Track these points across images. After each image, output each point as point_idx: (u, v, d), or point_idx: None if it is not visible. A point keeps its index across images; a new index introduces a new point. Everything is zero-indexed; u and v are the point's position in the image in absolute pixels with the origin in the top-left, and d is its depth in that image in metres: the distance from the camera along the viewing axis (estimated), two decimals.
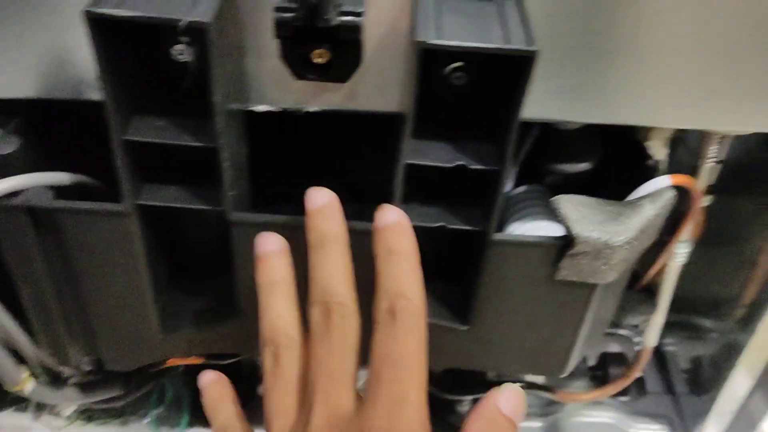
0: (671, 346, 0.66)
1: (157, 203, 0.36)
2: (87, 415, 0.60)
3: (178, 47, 0.33)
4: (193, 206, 0.36)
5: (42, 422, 0.60)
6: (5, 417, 0.61)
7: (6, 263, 0.38)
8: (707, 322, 0.61)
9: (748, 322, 0.52)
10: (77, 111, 0.38)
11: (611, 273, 0.37)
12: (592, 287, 0.38)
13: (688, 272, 0.50)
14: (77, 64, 0.36)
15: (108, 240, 0.37)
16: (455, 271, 0.42)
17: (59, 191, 0.38)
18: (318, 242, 0.31)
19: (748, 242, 0.54)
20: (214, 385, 0.35)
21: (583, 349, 0.45)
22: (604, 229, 0.35)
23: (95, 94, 0.36)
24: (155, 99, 0.34)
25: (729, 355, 0.56)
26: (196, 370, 0.59)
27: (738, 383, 0.56)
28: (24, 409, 0.59)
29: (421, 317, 0.29)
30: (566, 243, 0.36)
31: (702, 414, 0.60)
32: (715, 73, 0.33)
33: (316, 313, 0.30)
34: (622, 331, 0.68)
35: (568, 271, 0.37)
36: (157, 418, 0.60)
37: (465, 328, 0.41)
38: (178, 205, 0.36)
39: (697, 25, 0.32)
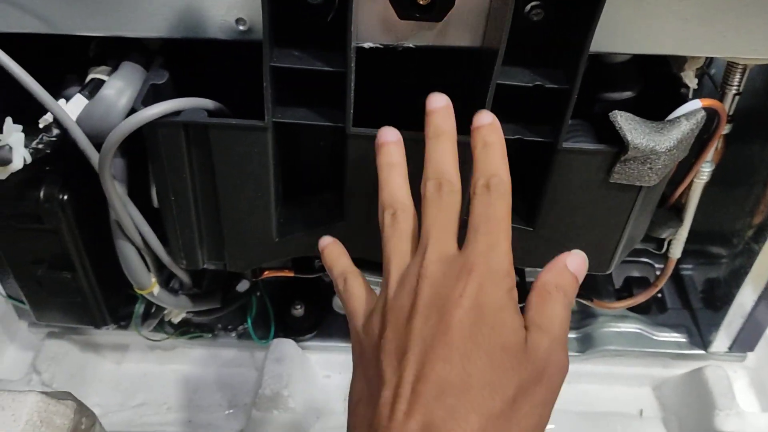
0: (689, 271, 0.75)
1: (291, 120, 0.44)
2: (182, 330, 0.68)
3: None
4: (319, 123, 0.44)
5: (140, 339, 0.68)
6: (106, 335, 0.69)
7: (160, 173, 0.46)
8: (721, 250, 0.68)
9: (758, 235, 0.61)
10: (205, 49, 0.46)
11: (654, 177, 0.46)
12: (638, 190, 0.47)
13: (705, 209, 0.59)
14: (207, 9, 0.43)
15: (247, 153, 0.45)
16: (521, 184, 0.51)
17: None
18: (435, 134, 0.40)
19: (756, 178, 0.62)
20: (332, 245, 0.45)
21: (623, 251, 0.53)
22: (650, 137, 0.44)
23: (221, 34, 0.45)
24: (290, 35, 0.42)
25: (737, 275, 0.65)
26: (281, 287, 0.68)
27: (745, 298, 0.65)
28: (125, 328, 0.67)
29: (509, 191, 0.38)
30: (620, 150, 0.44)
31: (715, 325, 0.68)
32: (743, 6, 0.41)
33: (430, 186, 0.38)
34: (643, 258, 0.78)
35: (619, 174, 0.46)
36: (244, 332, 0.68)
37: (531, 229, 0.49)
38: (308, 122, 0.44)
39: None
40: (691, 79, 0.49)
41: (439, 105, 0.40)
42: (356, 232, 0.50)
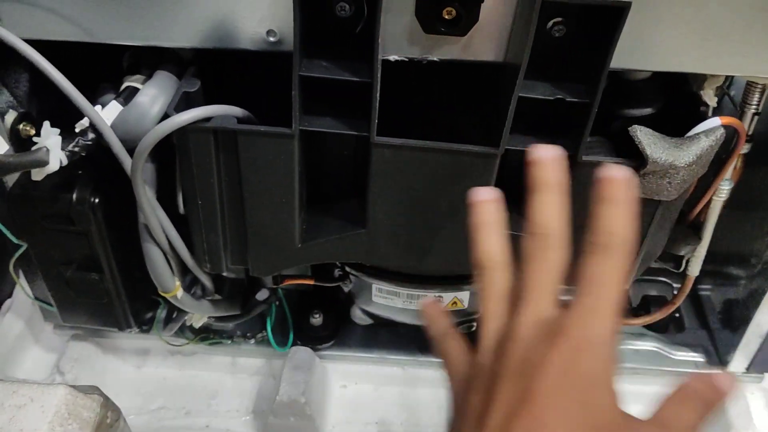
0: (707, 291, 0.75)
1: (317, 128, 0.45)
2: (201, 336, 0.69)
3: (342, 4, 0.43)
4: (345, 131, 0.45)
5: (161, 344, 0.69)
6: (128, 339, 0.71)
7: (189, 177, 0.48)
8: (739, 272, 0.68)
9: None
10: (236, 60, 0.48)
11: (673, 192, 0.46)
12: (657, 204, 0.47)
13: (723, 231, 0.59)
14: (240, 21, 0.45)
15: (273, 159, 0.46)
16: None
17: None
18: (539, 186, 0.36)
19: None
20: (432, 305, 0.42)
21: (641, 266, 0.54)
22: (670, 152, 0.44)
23: (252, 45, 0.46)
24: (319, 46, 0.44)
25: (755, 296, 0.65)
26: (300, 296, 0.69)
27: (763, 319, 0.65)
28: (146, 332, 0.68)
29: (626, 253, 0.33)
30: (639, 163, 0.45)
31: (733, 345, 0.68)
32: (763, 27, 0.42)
33: (532, 241, 0.35)
34: (661, 278, 0.78)
35: (638, 189, 0.46)
36: (263, 340, 0.69)
37: None
38: (333, 131, 0.45)
39: None
40: (710, 98, 0.50)
41: (546, 155, 0.36)
42: (378, 240, 0.51)
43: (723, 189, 0.56)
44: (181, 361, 0.71)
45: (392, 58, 0.46)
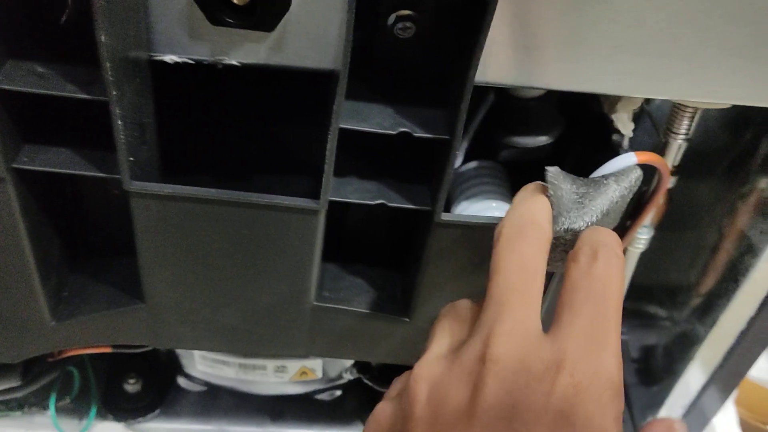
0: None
1: (38, 168, 0.29)
2: None
3: None
4: (82, 172, 0.30)
5: None
6: None
7: None
8: (660, 311, 0.58)
9: (706, 312, 0.50)
10: None
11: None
12: (549, 275, 0.34)
13: (642, 257, 0.47)
14: None
15: None
16: (398, 254, 0.38)
17: None
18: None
19: (708, 228, 0.51)
20: None
21: None
22: (565, 215, 0.31)
23: None
24: (37, 41, 0.28)
25: (684, 345, 0.54)
26: (106, 356, 0.54)
27: (693, 376, 0.54)
28: None
29: (622, 268, 0.26)
30: None
31: (652, 406, 0.57)
32: (693, 39, 0.29)
33: (506, 225, 0.27)
34: None
35: None
36: (62, 409, 0.54)
37: (406, 320, 0.36)
38: (64, 171, 0.29)
39: None
40: (624, 124, 0.36)
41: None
42: (163, 317, 0.36)
43: (641, 238, 0.43)
44: None
45: (169, 59, 0.31)
